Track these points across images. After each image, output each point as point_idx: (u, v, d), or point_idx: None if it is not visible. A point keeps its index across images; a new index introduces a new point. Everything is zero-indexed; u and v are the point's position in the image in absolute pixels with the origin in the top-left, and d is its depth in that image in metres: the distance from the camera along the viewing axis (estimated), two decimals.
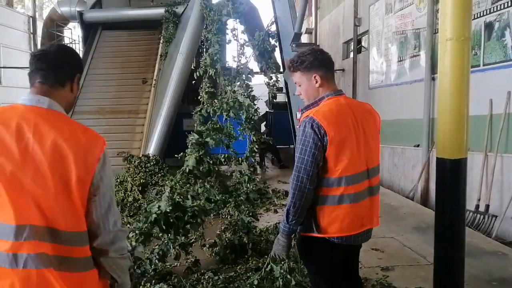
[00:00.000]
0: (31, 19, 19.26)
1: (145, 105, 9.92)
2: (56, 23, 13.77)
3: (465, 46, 2.44)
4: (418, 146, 7.72)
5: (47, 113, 1.40)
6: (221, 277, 3.65)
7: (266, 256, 3.98)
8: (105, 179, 1.41)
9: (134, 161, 8.18)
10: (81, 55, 12.20)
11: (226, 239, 4.34)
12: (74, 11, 12.47)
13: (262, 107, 15.60)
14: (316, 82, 2.13)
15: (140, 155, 8.63)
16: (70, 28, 15.74)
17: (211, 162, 4.34)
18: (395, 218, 5.74)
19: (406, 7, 8.26)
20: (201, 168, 4.19)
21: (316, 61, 2.13)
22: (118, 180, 7.60)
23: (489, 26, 5.83)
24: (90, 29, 11.54)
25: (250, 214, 4.69)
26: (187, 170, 4.11)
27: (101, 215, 1.41)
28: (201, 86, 7.13)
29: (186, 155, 4.31)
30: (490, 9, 5.81)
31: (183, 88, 9.72)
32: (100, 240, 1.42)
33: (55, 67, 1.47)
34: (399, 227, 5.31)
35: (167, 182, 4.12)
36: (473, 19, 5.93)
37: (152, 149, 8.90)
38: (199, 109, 5.88)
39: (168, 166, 8.18)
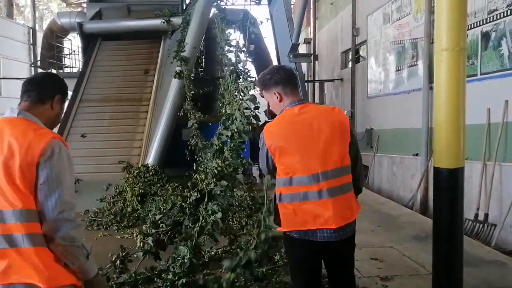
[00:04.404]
0: (31, 30, 19.37)
1: (148, 94, 10.43)
2: (55, 34, 13.85)
3: (461, 56, 2.46)
4: (417, 155, 7.73)
5: (14, 120, 1.70)
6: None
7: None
8: (52, 169, 1.59)
9: (133, 171, 8.16)
10: (80, 65, 12.38)
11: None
12: (74, 22, 12.57)
13: (262, 117, 15.69)
14: (277, 97, 2.37)
15: (140, 165, 8.62)
16: (69, 39, 15.80)
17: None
18: (394, 227, 5.73)
19: (403, 17, 8.34)
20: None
21: (273, 79, 2.37)
22: (117, 190, 7.58)
23: (485, 36, 5.88)
24: (89, 40, 11.62)
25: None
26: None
27: (43, 202, 1.59)
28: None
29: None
30: (486, 19, 5.86)
31: (182, 97, 9.74)
32: (45, 226, 1.59)
33: (38, 88, 1.80)
34: (398, 236, 5.29)
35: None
36: (470, 29, 6.00)
37: (151, 159, 8.89)
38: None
39: (167, 176, 8.16)
